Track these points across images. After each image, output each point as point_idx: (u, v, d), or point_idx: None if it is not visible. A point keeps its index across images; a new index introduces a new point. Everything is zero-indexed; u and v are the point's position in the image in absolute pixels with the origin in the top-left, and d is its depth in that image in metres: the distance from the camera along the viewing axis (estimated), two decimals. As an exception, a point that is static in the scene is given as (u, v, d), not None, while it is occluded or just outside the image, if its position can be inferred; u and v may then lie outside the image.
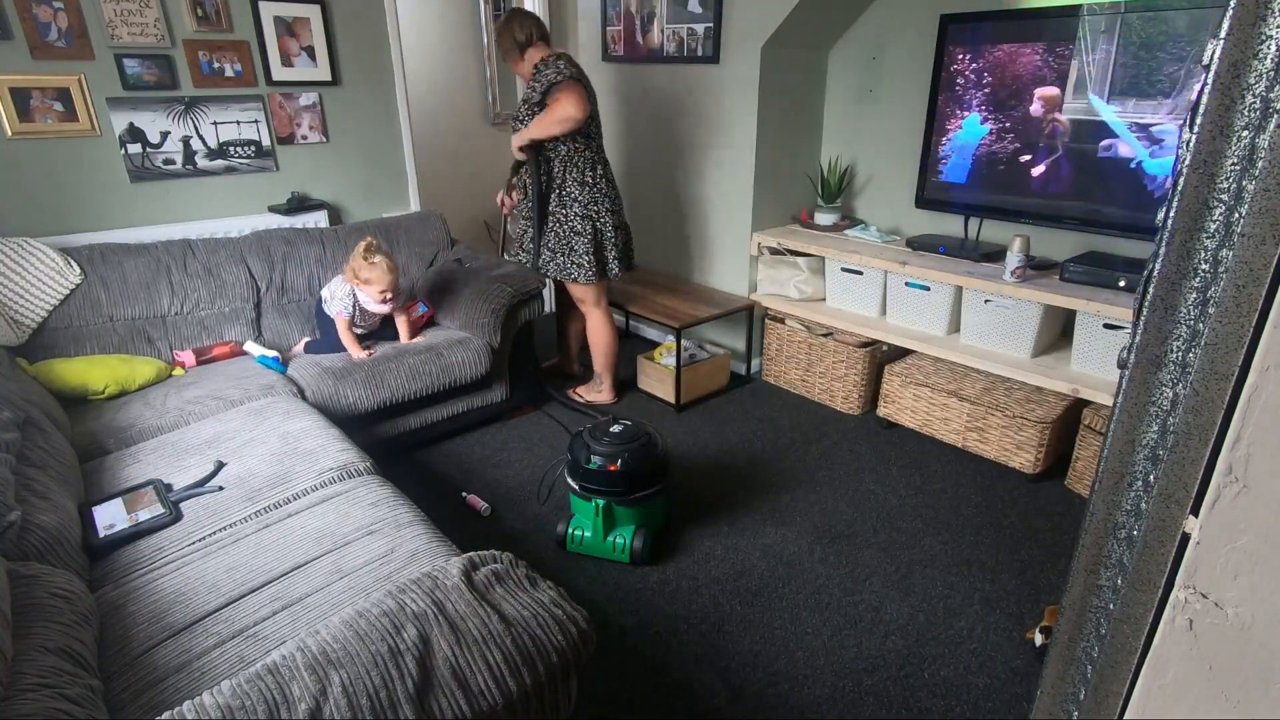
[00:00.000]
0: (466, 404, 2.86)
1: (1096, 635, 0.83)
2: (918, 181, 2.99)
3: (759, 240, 3.29)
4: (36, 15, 2.44)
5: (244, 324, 2.76)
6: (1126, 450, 0.77)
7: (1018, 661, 1.82)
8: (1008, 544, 2.26)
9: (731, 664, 1.82)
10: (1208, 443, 0.68)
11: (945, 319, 2.85)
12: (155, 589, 1.47)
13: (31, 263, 2.40)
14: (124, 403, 2.26)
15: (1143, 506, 0.75)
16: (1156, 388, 0.72)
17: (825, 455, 2.78)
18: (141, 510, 1.70)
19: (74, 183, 2.65)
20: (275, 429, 2.05)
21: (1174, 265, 0.69)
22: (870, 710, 1.69)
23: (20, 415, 1.83)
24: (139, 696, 1.22)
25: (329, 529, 1.64)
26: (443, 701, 1.08)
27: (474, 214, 5.07)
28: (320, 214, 3.16)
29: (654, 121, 3.56)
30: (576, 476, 2.17)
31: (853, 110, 3.27)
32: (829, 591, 2.06)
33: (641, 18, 3.42)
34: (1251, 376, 0.63)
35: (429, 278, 3.13)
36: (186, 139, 2.84)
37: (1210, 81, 0.62)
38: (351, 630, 1.14)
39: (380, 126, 3.32)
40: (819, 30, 3.11)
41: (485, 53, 4.83)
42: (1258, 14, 0.58)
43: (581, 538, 2.19)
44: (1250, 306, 0.63)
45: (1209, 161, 0.64)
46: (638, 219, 3.85)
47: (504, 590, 1.28)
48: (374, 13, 3.16)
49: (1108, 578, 0.81)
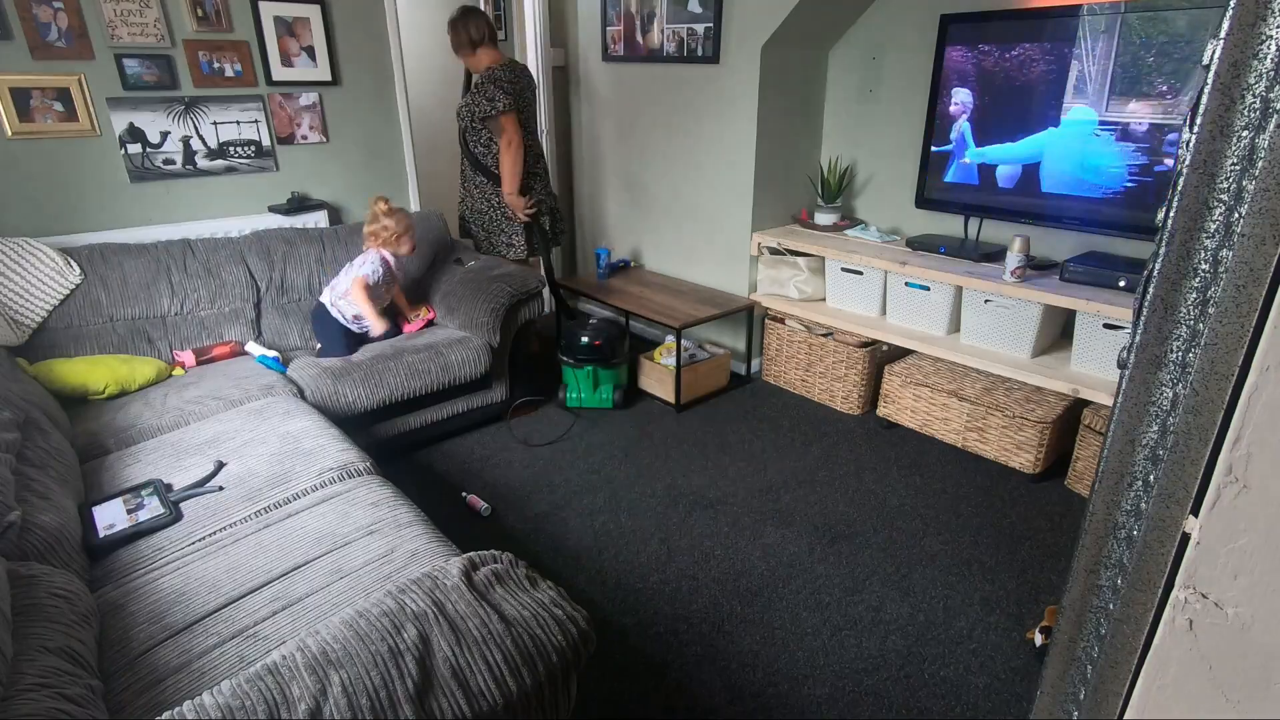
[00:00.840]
0: (466, 404, 2.86)
1: (1096, 635, 0.83)
2: (918, 181, 2.99)
3: (759, 240, 3.29)
4: (36, 15, 2.44)
5: (244, 324, 2.76)
6: (1126, 450, 0.77)
7: (1018, 661, 1.82)
8: (1008, 544, 2.26)
9: (731, 664, 1.82)
10: (1208, 443, 0.68)
11: (945, 319, 2.85)
12: (155, 589, 1.47)
13: (31, 263, 2.40)
14: (124, 403, 2.26)
15: (1143, 506, 0.75)
16: (1156, 388, 0.72)
17: (825, 455, 2.78)
18: (141, 510, 1.70)
19: (74, 183, 2.65)
20: (275, 429, 2.05)
21: (1174, 265, 0.69)
22: (870, 710, 1.69)
23: (20, 415, 1.83)
24: (139, 696, 1.22)
25: (329, 529, 1.64)
26: (443, 701, 1.08)
27: (474, 214, 5.06)
28: (320, 214, 3.16)
29: (654, 121, 3.56)
30: (572, 353, 3.07)
31: (853, 110, 3.27)
32: (829, 591, 2.06)
33: (641, 18, 3.42)
34: (1251, 376, 0.63)
35: (429, 277, 3.14)
36: (186, 139, 2.84)
37: (1210, 81, 0.62)
38: (351, 630, 1.14)
39: (380, 126, 3.32)
40: (819, 30, 3.11)
41: (485, 53, 4.82)
42: (1258, 14, 0.58)
43: (579, 397, 3.13)
44: (1250, 306, 0.63)
45: (1209, 161, 0.64)
46: (637, 219, 3.85)
47: (504, 590, 1.28)
48: (374, 13, 3.17)
49: (1108, 578, 0.81)
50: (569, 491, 2.55)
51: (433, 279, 3.12)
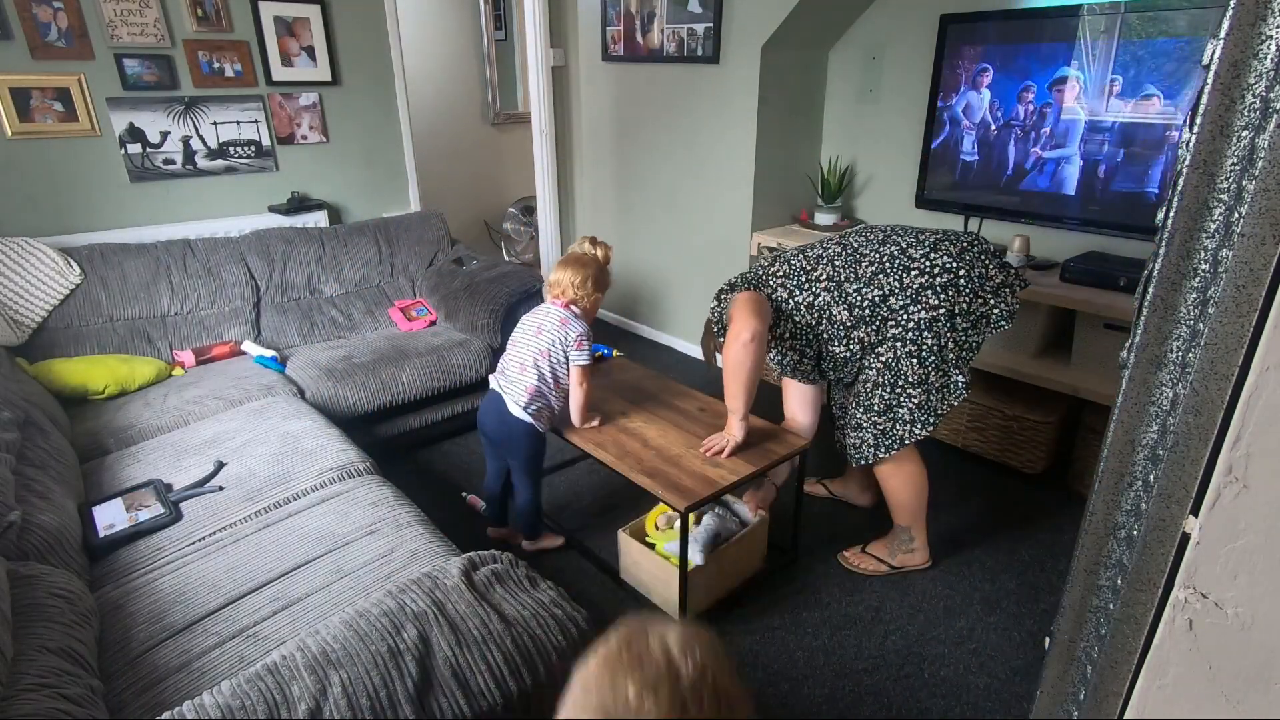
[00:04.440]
0: (467, 404, 2.85)
1: (1096, 635, 0.83)
2: (918, 181, 2.99)
3: (759, 240, 3.29)
4: (36, 15, 2.44)
5: (244, 324, 2.76)
6: (1126, 450, 0.77)
7: (1018, 661, 1.82)
8: (1007, 544, 2.26)
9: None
10: (1208, 443, 0.68)
11: (945, 319, 2.85)
12: (155, 589, 1.47)
13: (31, 263, 2.40)
14: (124, 403, 2.26)
15: (1143, 506, 0.75)
16: (1156, 388, 0.72)
17: (825, 455, 2.77)
18: (141, 510, 1.70)
19: (74, 183, 2.65)
20: (275, 429, 2.05)
21: (1174, 265, 0.69)
22: (870, 710, 1.69)
23: (20, 415, 1.83)
24: (139, 696, 1.22)
25: (329, 529, 1.64)
26: (443, 701, 1.08)
27: (474, 214, 5.07)
28: (320, 214, 3.16)
29: (654, 121, 3.56)
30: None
31: (853, 110, 3.27)
32: (829, 591, 2.06)
33: (641, 18, 3.42)
34: (1251, 376, 0.63)
35: (428, 278, 3.14)
36: (186, 139, 2.84)
37: (1210, 81, 0.62)
38: (351, 630, 1.14)
39: (380, 126, 3.32)
40: (819, 30, 3.10)
41: (485, 53, 4.83)
42: (1258, 14, 0.58)
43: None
44: (1250, 306, 0.62)
45: (1209, 161, 0.64)
46: (636, 219, 3.85)
47: (504, 590, 1.28)
48: (374, 13, 3.17)
49: (1108, 578, 0.81)
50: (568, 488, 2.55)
51: (432, 279, 3.12)
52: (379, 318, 3.00)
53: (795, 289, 1.92)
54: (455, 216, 3.80)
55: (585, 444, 2.01)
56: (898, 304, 1.82)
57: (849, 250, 1.91)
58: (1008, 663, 1.82)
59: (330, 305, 2.95)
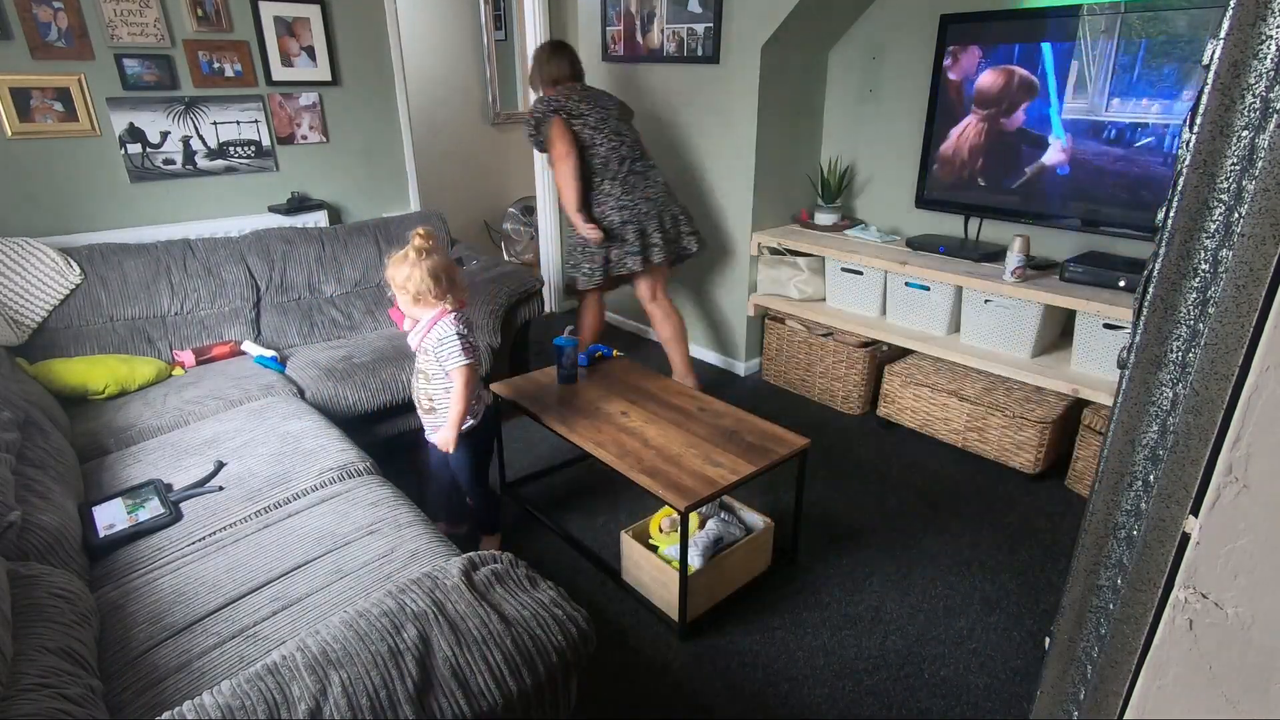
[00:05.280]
0: (466, 404, 2.85)
1: (1096, 635, 0.83)
2: (918, 181, 2.99)
3: (759, 240, 3.29)
4: (36, 15, 2.44)
5: (244, 324, 2.76)
6: (1126, 450, 0.77)
7: (1018, 661, 1.82)
8: (1008, 544, 2.26)
9: (731, 664, 1.82)
10: (1208, 443, 0.68)
11: (945, 319, 2.85)
12: (155, 589, 1.47)
13: (31, 263, 2.40)
14: (124, 403, 2.26)
15: (1143, 506, 0.75)
16: (1156, 388, 0.72)
17: (825, 455, 2.78)
18: (141, 510, 1.70)
19: (74, 183, 2.65)
20: (275, 429, 2.05)
21: (1174, 265, 0.69)
22: (870, 710, 1.69)
23: (20, 415, 1.83)
24: (139, 696, 1.22)
25: (329, 529, 1.64)
26: (443, 701, 1.08)
27: (474, 214, 5.07)
28: (320, 214, 3.16)
29: (654, 122, 3.56)
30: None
31: (853, 110, 3.27)
32: (829, 591, 2.06)
33: (641, 18, 3.42)
34: (1251, 376, 0.63)
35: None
36: (186, 139, 2.84)
37: (1210, 81, 0.62)
38: (351, 630, 1.14)
39: (380, 126, 3.32)
40: (819, 30, 3.11)
41: (485, 53, 4.83)
42: (1258, 14, 0.58)
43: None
44: (1250, 306, 0.63)
45: (1209, 161, 0.64)
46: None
47: (504, 590, 1.28)
48: (374, 13, 3.16)
49: (1108, 578, 0.81)
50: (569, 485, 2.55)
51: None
52: (379, 318, 3.00)
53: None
54: (455, 216, 3.80)
55: (585, 444, 2.01)
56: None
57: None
58: (1008, 663, 1.82)
59: (330, 305, 2.95)
